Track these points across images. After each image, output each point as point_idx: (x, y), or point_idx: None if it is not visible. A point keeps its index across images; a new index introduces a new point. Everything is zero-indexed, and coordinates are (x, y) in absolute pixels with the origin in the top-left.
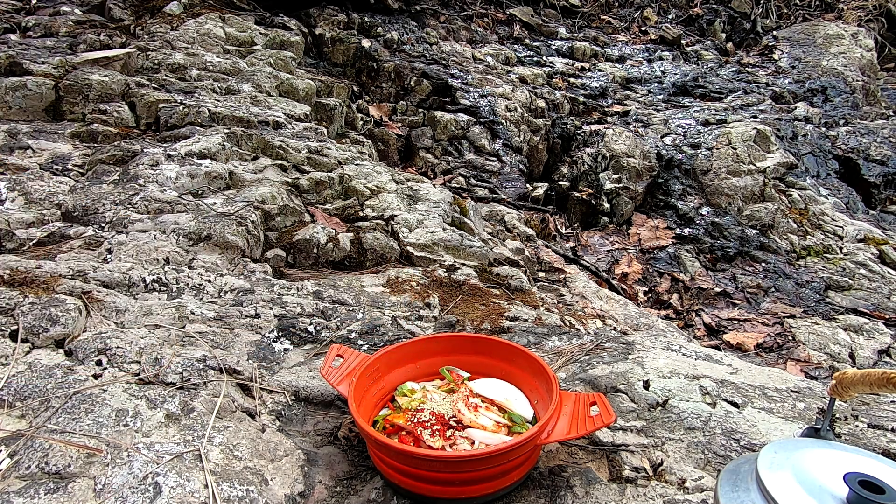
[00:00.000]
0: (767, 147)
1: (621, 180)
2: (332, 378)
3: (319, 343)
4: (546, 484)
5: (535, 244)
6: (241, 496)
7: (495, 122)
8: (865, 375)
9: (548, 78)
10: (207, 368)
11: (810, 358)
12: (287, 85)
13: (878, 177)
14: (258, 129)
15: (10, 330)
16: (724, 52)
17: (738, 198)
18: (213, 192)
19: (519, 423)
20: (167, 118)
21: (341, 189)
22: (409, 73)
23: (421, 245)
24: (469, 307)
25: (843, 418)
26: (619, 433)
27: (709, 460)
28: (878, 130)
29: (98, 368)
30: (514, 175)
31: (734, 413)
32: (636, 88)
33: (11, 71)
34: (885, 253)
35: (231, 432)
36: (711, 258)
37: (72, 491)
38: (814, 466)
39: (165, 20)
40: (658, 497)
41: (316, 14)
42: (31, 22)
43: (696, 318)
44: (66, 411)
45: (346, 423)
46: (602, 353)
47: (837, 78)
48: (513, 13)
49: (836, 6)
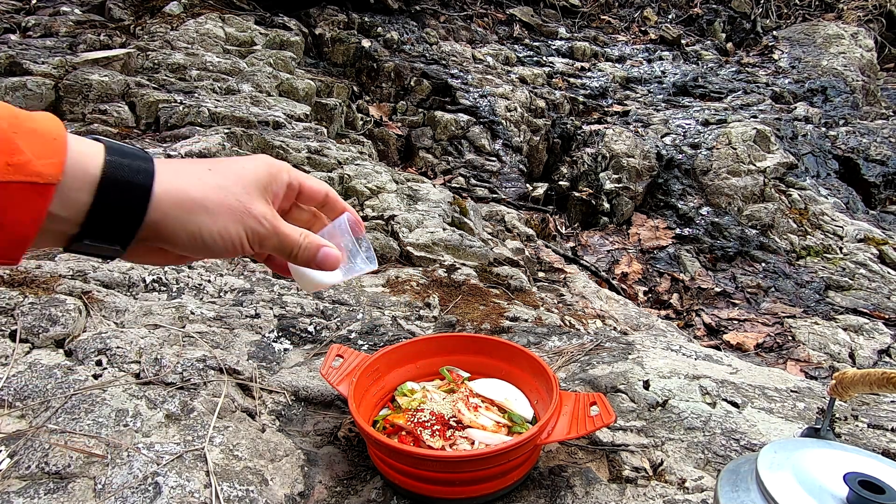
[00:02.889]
0: (767, 147)
1: (621, 180)
2: (332, 378)
3: (319, 343)
4: (546, 484)
5: (535, 244)
6: (241, 496)
7: (495, 122)
8: (865, 375)
9: (548, 78)
10: (207, 368)
11: (810, 358)
12: (287, 85)
13: (878, 177)
14: (258, 129)
15: (10, 330)
16: (724, 52)
17: (738, 198)
18: None
19: (519, 423)
20: (167, 118)
21: (341, 189)
22: (409, 73)
23: (421, 245)
24: (469, 307)
25: (843, 418)
26: (619, 433)
27: (709, 460)
28: (878, 130)
29: (98, 368)
30: (514, 175)
31: (734, 413)
32: (636, 88)
33: (11, 71)
34: (885, 253)
35: (231, 432)
36: (711, 258)
37: (72, 491)
38: (814, 466)
39: (165, 20)
40: (658, 497)
41: (316, 14)
42: (31, 22)
43: (696, 318)
44: (66, 411)
45: (346, 423)
46: (602, 353)
47: (837, 78)
48: (513, 13)
49: (836, 6)
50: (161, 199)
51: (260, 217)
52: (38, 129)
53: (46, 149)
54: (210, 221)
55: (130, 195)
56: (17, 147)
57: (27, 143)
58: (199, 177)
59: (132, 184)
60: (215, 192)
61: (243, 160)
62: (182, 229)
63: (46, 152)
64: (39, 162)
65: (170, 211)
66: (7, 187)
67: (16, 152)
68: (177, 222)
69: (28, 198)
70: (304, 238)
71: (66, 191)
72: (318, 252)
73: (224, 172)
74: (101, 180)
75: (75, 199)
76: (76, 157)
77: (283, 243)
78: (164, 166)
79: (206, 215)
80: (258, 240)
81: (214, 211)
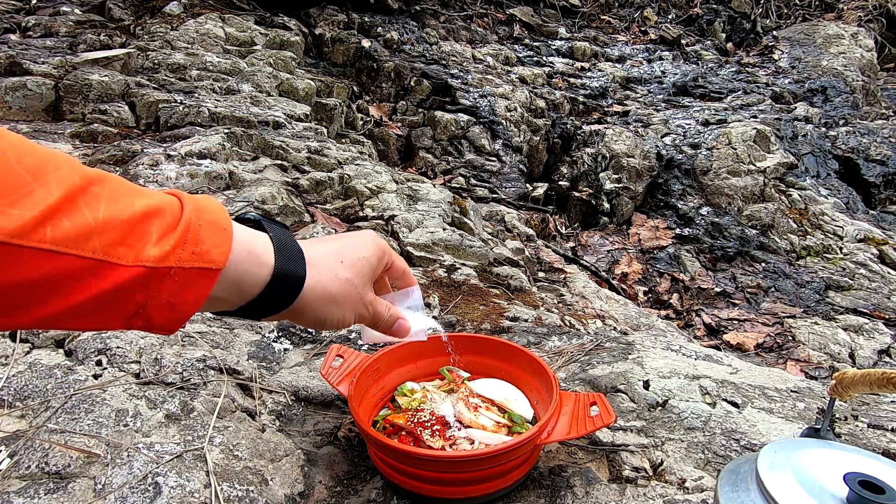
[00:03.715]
0: (767, 147)
1: (621, 180)
2: (332, 378)
3: (319, 343)
4: (546, 484)
5: (535, 244)
6: (241, 496)
7: (495, 122)
8: (865, 375)
9: (548, 78)
10: (207, 368)
11: (810, 358)
12: (287, 85)
13: (878, 177)
14: (258, 129)
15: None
16: (724, 52)
17: (738, 198)
18: (214, 192)
19: (519, 423)
20: (167, 118)
21: (341, 189)
22: (409, 73)
23: (421, 245)
24: (469, 307)
25: (843, 418)
26: (619, 433)
27: (709, 460)
28: (878, 130)
29: (98, 368)
30: (514, 175)
31: (734, 413)
32: (636, 88)
33: (11, 71)
34: (885, 253)
35: (231, 432)
36: (711, 258)
37: (72, 491)
38: (814, 466)
39: (165, 20)
40: (658, 497)
41: (316, 14)
42: (31, 22)
43: (696, 318)
44: (66, 411)
45: (346, 423)
46: (602, 353)
47: (837, 78)
48: (513, 13)
49: (836, 6)
50: (307, 293)
51: (368, 304)
52: (214, 220)
53: (220, 238)
54: (336, 311)
55: (288, 292)
56: (201, 238)
57: (207, 234)
58: (335, 273)
59: (291, 282)
60: (345, 287)
61: (361, 245)
62: (313, 314)
63: (220, 241)
64: (215, 250)
65: (311, 302)
66: (188, 272)
67: (199, 242)
68: (311, 310)
69: (199, 282)
70: (387, 312)
71: (241, 288)
72: (395, 323)
73: (352, 265)
74: (273, 278)
75: (248, 293)
76: (250, 257)
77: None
78: (312, 260)
79: (335, 306)
80: (360, 320)
81: (342, 303)
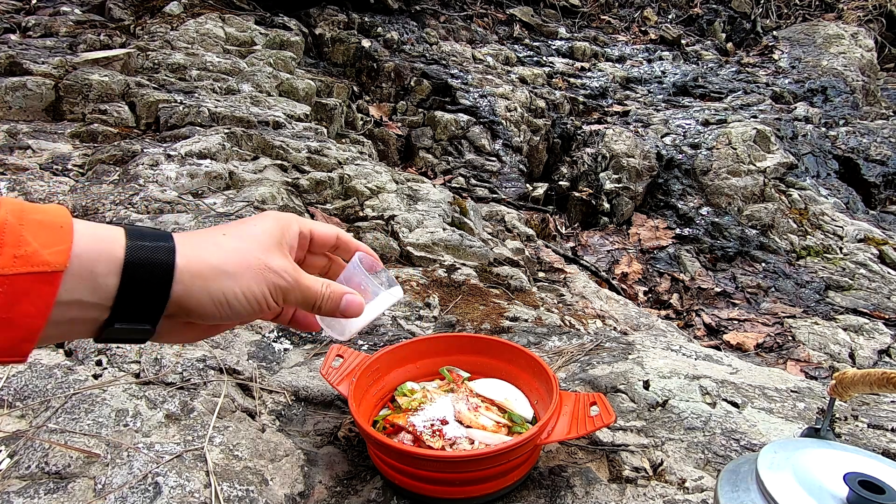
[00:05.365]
0: (767, 147)
1: (621, 180)
2: (332, 378)
3: (319, 343)
4: (546, 484)
5: (535, 244)
6: (241, 496)
7: (495, 122)
8: (865, 375)
9: (548, 78)
10: (207, 368)
11: (810, 358)
12: (287, 85)
13: (878, 177)
14: (258, 129)
15: None
16: (724, 52)
17: (738, 198)
18: (213, 192)
19: (519, 423)
20: (167, 118)
21: (341, 189)
22: (409, 73)
23: (421, 245)
24: (469, 307)
25: (843, 418)
26: (619, 433)
27: (709, 460)
28: (878, 130)
29: (98, 368)
30: (514, 175)
31: (734, 413)
32: (636, 88)
33: (11, 71)
34: (885, 253)
35: (231, 432)
36: (711, 258)
37: (72, 491)
38: (814, 466)
39: (165, 20)
40: (658, 497)
41: (316, 14)
42: (31, 22)
43: (696, 318)
44: (66, 411)
45: (346, 423)
46: (602, 353)
47: (837, 78)
48: (513, 13)
49: (836, 6)
50: (183, 272)
51: (280, 271)
52: (43, 219)
53: (53, 237)
54: (233, 284)
55: (155, 271)
56: (24, 239)
57: (33, 234)
58: (216, 242)
59: (155, 261)
60: (234, 255)
61: (252, 220)
62: (207, 297)
63: (53, 241)
64: (46, 251)
65: (193, 281)
66: (14, 280)
67: (22, 244)
68: (201, 291)
69: (36, 288)
70: (325, 288)
71: (94, 277)
72: (341, 301)
73: (238, 234)
74: (126, 262)
75: (104, 284)
76: (97, 243)
77: (306, 295)
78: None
79: (228, 279)
80: (281, 294)
81: (235, 272)
